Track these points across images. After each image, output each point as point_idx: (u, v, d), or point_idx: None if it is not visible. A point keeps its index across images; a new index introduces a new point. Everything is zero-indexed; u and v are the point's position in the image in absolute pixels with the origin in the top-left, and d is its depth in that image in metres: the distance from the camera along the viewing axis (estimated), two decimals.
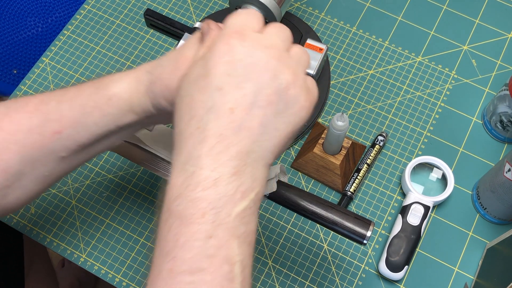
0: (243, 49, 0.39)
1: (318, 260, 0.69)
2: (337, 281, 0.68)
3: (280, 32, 0.42)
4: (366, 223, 0.54)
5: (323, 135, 0.72)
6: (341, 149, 0.71)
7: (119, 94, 0.48)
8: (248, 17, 0.42)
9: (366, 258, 0.69)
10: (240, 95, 0.38)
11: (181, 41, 0.63)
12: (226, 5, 0.85)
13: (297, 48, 0.43)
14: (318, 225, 0.69)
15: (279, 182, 0.55)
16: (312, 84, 0.43)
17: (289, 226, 0.71)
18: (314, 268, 0.69)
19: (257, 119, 0.39)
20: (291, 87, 0.40)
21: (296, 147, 0.75)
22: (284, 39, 0.42)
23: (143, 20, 0.84)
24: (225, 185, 0.37)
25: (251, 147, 0.39)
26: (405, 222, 0.68)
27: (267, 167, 0.41)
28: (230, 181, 0.37)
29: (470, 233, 0.70)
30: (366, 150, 0.74)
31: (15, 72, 1.13)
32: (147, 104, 0.47)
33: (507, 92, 0.69)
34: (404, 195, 0.72)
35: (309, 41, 0.69)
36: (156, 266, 0.38)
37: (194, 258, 0.36)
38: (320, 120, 0.76)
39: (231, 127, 0.38)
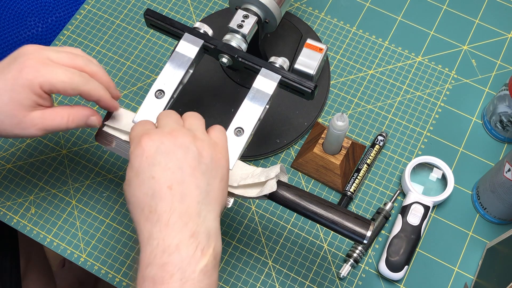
0: (154, 142, 0.48)
1: (318, 260, 0.69)
2: (337, 281, 0.68)
3: (169, 117, 0.51)
4: (366, 223, 0.54)
5: (323, 135, 0.72)
6: (341, 149, 0.71)
7: None
8: (142, 125, 0.51)
9: (366, 258, 0.69)
10: (169, 174, 0.47)
11: (181, 41, 0.63)
12: (226, 5, 0.85)
13: (189, 118, 0.52)
14: (318, 225, 0.69)
15: (279, 182, 0.55)
16: (217, 136, 0.51)
17: (289, 226, 0.71)
18: (314, 268, 0.69)
19: (192, 184, 0.47)
20: (201, 150, 0.48)
21: (296, 147, 0.75)
22: (175, 120, 0.51)
23: (143, 20, 0.84)
24: (186, 248, 0.45)
25: (198, 208, 0.47)
26: (405, 222, 0.68)
27: (218, 219, 0.48)
28: (189, 243, 0.45)
29: (470, 233, 0.70)
30: (366, 150, 0.74)
31: None
32: None
33: (507, 92, 0.69)
34: (404, 195, 0.72)
35: (309, 41, 0.69)
36: None
37: None
38: (320, 120, 0.76)
39: (176, 200, 0.46)
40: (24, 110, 0.52)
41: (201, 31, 0.64)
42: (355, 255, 0.67)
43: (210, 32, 0.64)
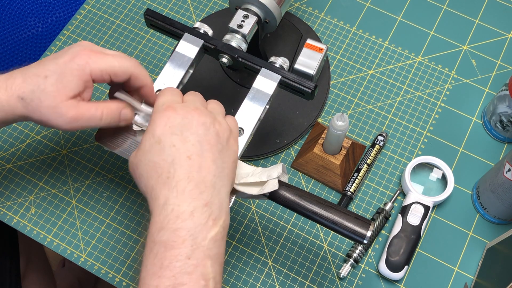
0: (178, 116, 0.50)
1: (318, 260, 0.69)
2: (337, 281, 0.68)
3: (196, 97, 0.54)
4: (366, 223, 0.54)
5: (323, 135, 0.72)
6: (341, 149, 0.71)
7: None
8: (171, 94, 0.54)
9: (366, 258, 0.69)
10: (189, 145, 0.49)
11: (181, 41, 0.63)
12: (226, 5, 0.85)
13: (212, 103, 0.55)
14: (318, 225, 0.69)
15: (279, 182, 0.55)
16: (232, 123, 0.55)
17: (289, 226, 0.71)
18: (314, 268, 0.69)
19: (209, 158, 0.50)
20: (220, 132, 0.51)
21: (296, 147, 0.75)
22: (201, 101, 0.54)
23: (143, 20, 0.84)
24: (200, 215, 0.47)
25: (213, 180, 0.49)
26: (405, 222, 0.68)
27: (228, 196, 0.51)
28: (203, 211, 0.47)
29: (470, 233, 0.70)
30: (366, 150, 0.74)
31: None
32: (20, 119, 0.55)
33: (507, 92, 0.69)
34: (404, 195, 0.72)
35: (309, 41, 0.69)
36: (143, 284, 0.46)
37: (176, 275, 0.45)
38: (320, 120, 0.76)
39: (194, 169, 0.48)
40: (65, 95, 0.53)
41: (201, 31, 0.64)
42: (355, 255, 0.67)
43: (210, 32, 0.64)
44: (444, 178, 0.71)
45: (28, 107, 0.53)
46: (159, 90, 0.60)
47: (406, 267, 0.66)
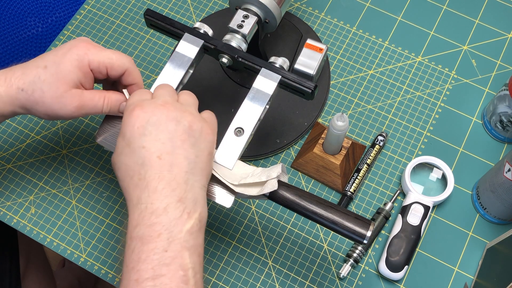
0: (146, 114, 0.50)
1: (318, 260, 0.69)
2: (337, 281, 0.68)
3: (165, 90, 0.53)
4: (366, 223, 0.54)
5: (323, 135, 0.72)
6: (341, 149, 0.71)
7: None
8: (140, 93, 0.53)
9: (366, 258, 0.69)
10: (159, 144, 0.49)
11: (181, 41, 0.63)
12: (226, 5, 0.85)
13: (183, 95, 0.54)
14: (318, 225, 0.69)
15: (279, 182, 0.55)
16: (207, 115, 0.54)
17: (289, 226, 0.71)
18: (314, 268, 0.69)
19: (181, 155, 0.49)
20: (192, 124, 0.50)
21: (296, 147, 0.75)
22: (170, 94, 0.53)
23: (143, 20, 0.84)
24: (173, 210, 0.47)
25: (186, 177, 0.49)
26: (405, 222, 0.68)
27: (204, 189, 0.51)
28: (176, 206, 0.47)
29: (470, 233, 0.70)
30: (366, 150, 0.74)
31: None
32: (21, 111, 0.56)
33: (507, 92, 0.69)
34: (404, 195, 0.72)
35: (309, 41, 0.69)
36: (124, 279, 0.47)
37: (155, 268, 0.45)
38: (320, 120, 0.76)
39: (164, 169, 0.48)
40: (66, 84, 0.54)
41: (201, 31, 0.64)
42: (355, 255, 0.67)
43: (210, 32, 0.64)
44: (444, 178, 0.71)
45: (30, 98, 0.54)
46: None
47: (406, 267, 0.66)
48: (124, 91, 0.59)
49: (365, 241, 0.54)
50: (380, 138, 0.73)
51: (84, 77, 0.55)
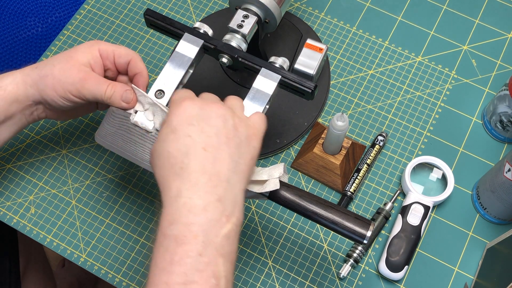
0: (195, 107, 0.50)
1: (318, 260, 0.69)
2: (337, 281, 0.68)
3: (212, 94, 0.54)
4: (366, 223, 0.54)
5: (323, 135, 0.72)
6: (341, 149, 0.71)
7: (4, 86, 0.58)
8: (187, 91, 0.54)
9: (366, 258, 0.69)
10: (205, 136, 0.48)
11: (181, 41, 0.63)
12: (226, 5, 0.85)
13: (231, 99, 0.54)
14: (318, 225, 0.69)
15: (279, 182, 0.55)
16: (255, 119, 0.54)
17: (289, 226, 0.71)
18: (314, 268, 0.69)
19: (225, 152, 0.48)
20: (238, 126, 0.50)
21: (296, 147, 0.75)
22: (217, 98, 0.53)
23: (143, 20, 0.84)
24: (212, 211, 0.45)
25: (228, 175, 0.47)
26: (405, 222, 0.68)
27: (243, 193, 0.49)
28: (216, 206, 0.46)
29: (470, 233, 0.70)
30: (366, 150, 0.74)
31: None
32: (33, 93, 0.59)
33: (507, 92, 0.69)
34: (404, 195, 0.72)
35: (309, 41, 0.69)
36: (153, 280, 0.44)
37: (187, 272, 0.43)
38: (320, 120, 0.76)
39: (208, 162, 0.47)
40: (76, 61, 0.58)
41: (201, 31, 0.64)
42: (355, 255, 0.67)
43: (210, 32, 0.64)
44: (444, 178, 0.71)
45: (41, 73, 0.58)
46: (159, 90, 0.60)
47: (406, 267, 0.66)
48: (133, 86, 0.60)
49: (365, 241, 0.54)
50: (380, 138, 0.73)
51: (93, 60, 0.59)
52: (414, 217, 0.68)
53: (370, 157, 0.72)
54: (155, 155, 0.50)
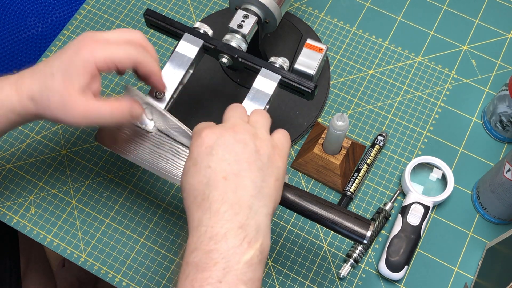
0: (214, 135, 0.49)
1: (318, 260, 0.69)
2: (337, 281, 0.68)
3: (235, 111, 0.52)
4: (366, 223, 0.54)
5: (323, 135, 0.72)
6: (341, 149, 0.71)
7: (5, 111, 0.55)
8: (207, 122, 0.52)
9: (366, 258, 0.69)
10: (225, 165, 0.47)
11: (181, 41, 0.63)
12: (226, 5, 0.85)
13: (254, 115, 0.53)
14: (318, 225, 0.69)
15: None
16: (279, 138, 0.52)
17: (289, 226, 0.71)
18: (314, 268, 0.69)
19: (247, 178, 0.47)
20: (260, 148, 0.49)
21: (296, 147, 0.75)
22: (240, 115, 0.52)
23: (143, 20, 0.84)
24: (233, 237, 0.45)
25: (251, 201, 0.47)
26: (405, 222, 0.68)
27: (269, 217, 0.48)
28: (237, 233, 0.45)
29: (470, 233, 0.70)
30: (366, 150, 0.74)
31: (15, 72, 1.13)
32: (28, 119, 0.56)
33: (507, 92, 0.69)
34: (404, 195, 0.72)
35: (309, 41, 0.69)
36: None
37: None
38: (320, 120, 0.76)
39: (229, 190, 0.46)
40: (73, 90, 0.52)
41: (201, 31, 0.64)
42: (355, 255, 0.67)
43: (210, 32, 0.64)
44: (444, 178, 0.71)
45: (38, 107, 0.54)
46: None
47: (406, 267, 0.66)
48: (149, 98, 0.57)
49: (365, 241, 0.54)
50: (380, 138, 0.73)
51: (92, 80, 0.54)
52: (414, 217, 0.68)
53: (370, 157, 0.72)
54: (182, 188, 0.50)
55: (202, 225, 0.46)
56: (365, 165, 0.72)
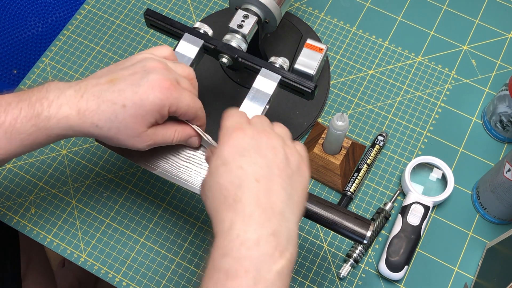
0: (246, 137, 0.48)
1: (318, 260, 0.69)
2: (337, 281, 0.68)
3: (262, 119, 0.52)
4: (366, 223, 0.54)
5: (323, 135, 0.72)
6: (341, 149, 0.71)
7: (59, 129, 0.52)
8: (238, 116, 0.52)
9: (366, 258, 0.69)
10: (257, 168, 0.47)
11: (181, 41, 0.63)
12: (226, 5, 0.85)
13: (278, 127, 0.53)
14: (318, 225, 0.69)
15: None
16: (300, 147, 0.52)
17: None
18: (314, 268, 0.69)
19: (278, 183, 0.47)
20: (289, 156, 0.49)
21: None
22: (268, 124, 0.52)
23: (143, 20, 0.84)
24: (265, 245, 0.44)
25: (282, 208, 0.46)
26: (405, 222, 0.68)
27: (297, 226, 0.47)
28: (269, 241, 0.44)
29: (470, 233, 0.70)
30: (366, 150, 0.74)
31: (15, 72, 1.13)
32: (86, 135, 0.54)
33: (507, 92, 0.69)
34: (404, 195, 0.72)
35: (309, 41, 0.69)
36: None
37: None
38: (320, 120, 0.76)
39: (262, 194, 0.46)
40: (144, 126, 0.53)
41: (201, 31, 0.64)
42: (355, 255, 0.67)
43: (210, 32, 0.64)
44: (444, 178, 0.71)
45: (103, 134, 0.53)
46: None
47: (406, 267, 0.66)
48: (195, 127, 0.57)
49: (365, 241, 0.54)
50: (380, 138, 0.73)
51: (161, 118, 0.54)
52: (414, 217, 0.68)
53: (370, 157, 0.72)
54: (206, 187, 0.49)
55: (235, 229, 0.44)
56: (365, 165, 0.72)
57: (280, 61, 0.62)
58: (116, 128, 0.52)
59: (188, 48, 0.62)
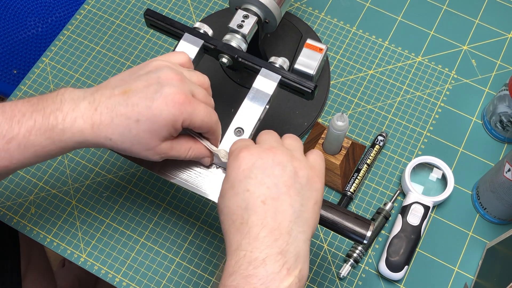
0: (252, 157, 0.48)
1: (318, 260, 0.69)
2: (337, 281, 0.68)
3: (270, 135, 0.53)
4: (366, 223, 0.54)
5: (323, 135, 0.72)
6: (341, 149, 0.71)
7: (74, 142, 0.52)
8: (244, 140, 0.53)
9: (366, 258, 0.69)
10: (264, 189, 0.47)
11: (181, 41, 0.63)
12: (226, 5, 0.85)
13: (288, 139, 0.53)
14: (318, 225, 0.69)
15: None
16: (315, 159, 0.52)
17: None
18: (314, 268, 0.69)
19: (286, 202, 0.47)
20: (298, 170, 0.48)
21: None
22: (276, 139, 0.52)
23: (143, 20, 0.84)
24: (273, 264, 0.44)
25: (290, 226, 0.46)
26: (405, 222, 0.68)
27: (308, 243, 0.47)
28: (276, 259, 0.45)
29: (470, 233, 0.70)
30: (366, 150, 0.74)
31: (15, 72, 1.13)
32: (99, 146, 0.54)
33: (507, 92, 0.69)
34: (404, 195, 0.72)
35: (309, 41, 0.69)
36: None
37: None
38: (320, 120, 0.76)
39: (268, 215, 0.46)
40: (158, 140, 0.52)
41: (201, 31, 0.64)
42: (355, 255, 0.67)
43: (210, 32, 0.64)
44: (444, 178, 0.71)
45: (116, 147, 0.53)
46: None
47: (406, 267, 0.66)
48: (207, 143, 0.57)
49: (365, 241, 0.54)
50: (380, 138, 0.73)
51: (175, 132, 0.53)
52: (414, 217, 0.68)
53: (370, 157, 0.72)
54: (219, 210, 0.50)
55: (241, 249, 0.45)
56: (365, 165, 0.72)
57: (280, 61, 0.62)
58: (129, 142, 0.52)
59: (188, 48, 0.62)
